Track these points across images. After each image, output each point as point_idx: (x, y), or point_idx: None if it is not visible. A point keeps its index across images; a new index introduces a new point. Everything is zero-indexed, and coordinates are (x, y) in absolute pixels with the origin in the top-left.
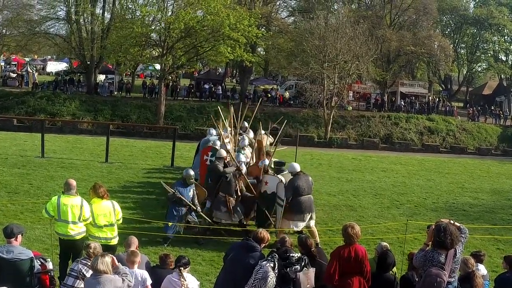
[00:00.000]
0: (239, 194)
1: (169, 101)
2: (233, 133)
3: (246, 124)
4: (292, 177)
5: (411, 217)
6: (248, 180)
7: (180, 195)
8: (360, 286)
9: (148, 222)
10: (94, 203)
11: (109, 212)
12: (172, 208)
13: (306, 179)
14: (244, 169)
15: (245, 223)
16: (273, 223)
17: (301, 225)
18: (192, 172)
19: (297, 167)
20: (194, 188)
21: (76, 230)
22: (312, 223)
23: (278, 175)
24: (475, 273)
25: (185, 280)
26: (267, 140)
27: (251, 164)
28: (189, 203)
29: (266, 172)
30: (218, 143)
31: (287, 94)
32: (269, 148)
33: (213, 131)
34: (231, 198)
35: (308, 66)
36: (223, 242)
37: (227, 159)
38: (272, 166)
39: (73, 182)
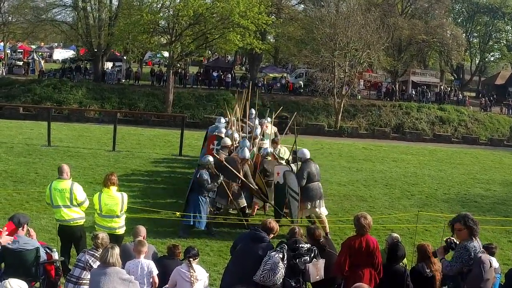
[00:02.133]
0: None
1: (177, 89)
2: (239, 121)
3: (253, 111)
4: (301, 163)
5: (422, 208)
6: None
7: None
8: (371, 278)
9: (156, 211)
10: (103, 192)
11: (115, 203)
12: (199, 198)
13: (316, 166)
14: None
15: (246, 211)
16: (286, 216)
17: (318, 211)
18: (211, 159)
19: (307, 153)
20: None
21: (71, 216)
22: (324, 211)
23: (291, 164)
24: None
25: (195, 272)
26: (271, 128)
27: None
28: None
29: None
30: (224, 130)
31: (300, 83)
32: (273, 137)
33: (222, 119)
34: (234, 184)
35: (318, 54)
36: (233, 232)
37: (232, 147)
38: (280, 155)
39: (65, 166)
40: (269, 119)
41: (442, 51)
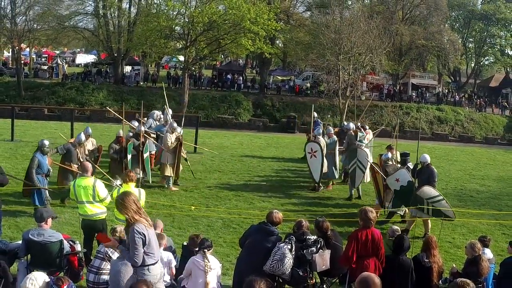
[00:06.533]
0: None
1: (192, 91)
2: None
3: (315, 114)
4: (426, 168)
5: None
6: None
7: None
8: (376, 268)
9: (172, 206)
10: (122, 188)
11: None
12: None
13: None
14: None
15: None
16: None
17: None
18: (47, 142)
19: (428, 158)
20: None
21: (94, 211)
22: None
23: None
24: (482, 257)
25: (209, 262)
26: (371, 134)
27: None
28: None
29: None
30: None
31: (307, 85)
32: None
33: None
34: (74, 165)
35: (324, 58)
36: (246, 225)
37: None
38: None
39: (88, 165)
40: (367, 126)
41: (440, 55)
